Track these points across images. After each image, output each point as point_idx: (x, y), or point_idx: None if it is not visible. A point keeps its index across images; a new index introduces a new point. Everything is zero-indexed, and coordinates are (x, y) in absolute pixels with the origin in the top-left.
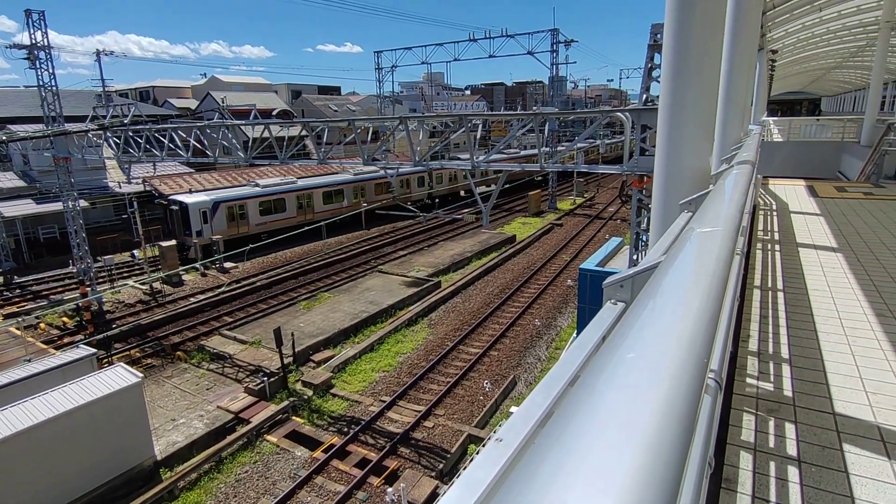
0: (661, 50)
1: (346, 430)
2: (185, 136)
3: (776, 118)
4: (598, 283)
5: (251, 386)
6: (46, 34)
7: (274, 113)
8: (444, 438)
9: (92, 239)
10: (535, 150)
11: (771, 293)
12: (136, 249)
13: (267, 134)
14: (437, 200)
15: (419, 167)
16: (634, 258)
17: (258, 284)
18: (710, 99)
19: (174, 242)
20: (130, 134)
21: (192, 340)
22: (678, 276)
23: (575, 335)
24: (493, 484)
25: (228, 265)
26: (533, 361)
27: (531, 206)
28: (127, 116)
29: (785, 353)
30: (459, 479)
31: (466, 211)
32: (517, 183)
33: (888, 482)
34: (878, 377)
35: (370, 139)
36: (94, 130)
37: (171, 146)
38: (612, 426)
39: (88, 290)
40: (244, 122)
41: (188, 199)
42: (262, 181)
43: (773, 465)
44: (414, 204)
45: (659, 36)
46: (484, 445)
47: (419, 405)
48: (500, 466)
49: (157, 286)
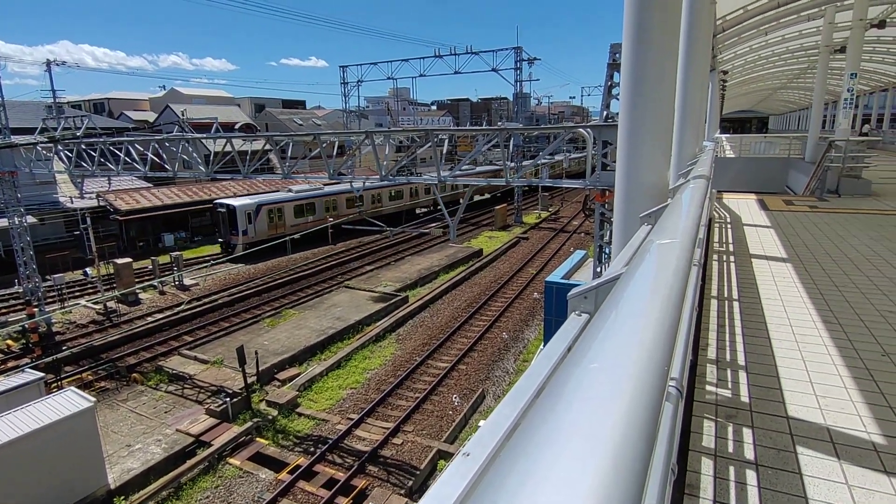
0: (619, 69)
1: (312, 449)
2: (142, 149)
3: (728, 135)
4: (563, 295)
5: (213, 407)
6: None
7: (236, 126)
8: (413, 455)
9: (41, 257)
10: (500, 164)
11: (727, 303)
12: (88, 267)
13: (229, 148)
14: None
15: (386, 182)
16: (598, 270)
17: (220, 302)
18: (666, 116)
19: (129, 260)
20: (83, 147)
21: (149, 361)
22: (639, 286)
23: (542, 347)
24: (461, 499)
25: (188, 282)
26: (501, 374)
27: (497, 220)
28: (80, 129)
29: (741, 360)
30: (427, 496)
31: (434, 225)
32: (484, 197)
33: (838, 482)
34: (826, 381)
35: (336, 153)
36: (43, 143)
37: (127, 160)
38: (576, 436)
39: (36, 310)
40: (205, 135)
41: (235, 202)
42: (294, 188)
43: (732, 469)
44: (388, 219)
45: (618, 55)
46: (452, 461)
47: (388, 422)
48: (468, 481)
49: (111, 305)
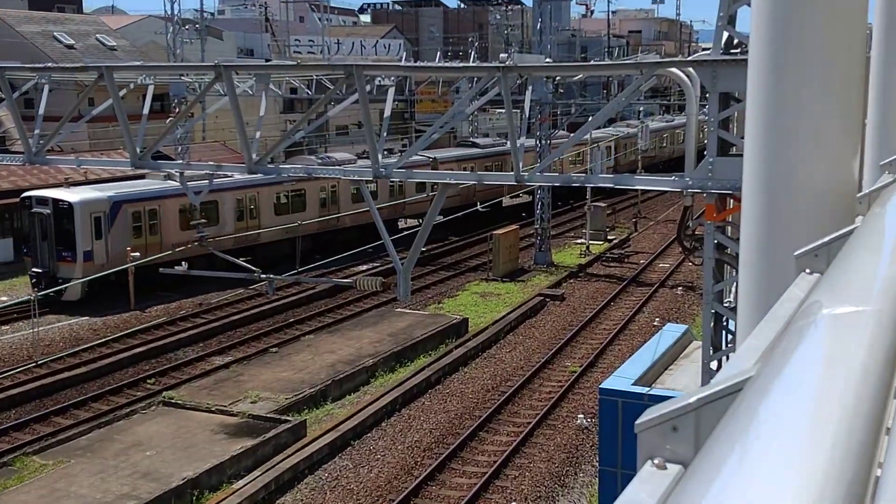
0: None
1: None
2: None
3: None
4: (635, 415)
5: None
6: None
7: None
8: None
9: None
10: (503, 143)
11: None
12: None
13: None
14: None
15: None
16: (713, 366)
17: None
18: (854, 52)
19: None
20: None
21: None
22: (786, 410)
23: None
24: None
25: None
26: None
27: (500, 256)
28: None
29: None
30: None
31: (364, 271)
32: (471, 210)
33: None
34: None
35: (149, 110)
36: None
37: None
38: None
39: None
40: None
41: (71, 194)
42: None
43: None
44: (271, 253)
45: None
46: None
47: None
48: None
49: None
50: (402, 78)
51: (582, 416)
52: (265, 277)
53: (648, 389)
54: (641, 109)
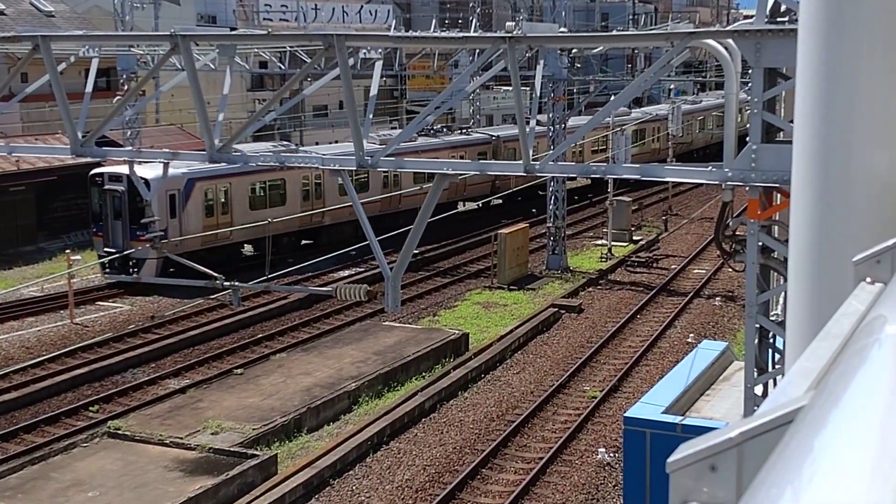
0: None
1: None
2: None
3: None
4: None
5: None
6: None
7: None
8: None
9: None
10: (511, 128)
11: None
12: None
13: None
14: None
15: (228, 162)
16: (758, 391)
17: None
18: None
19: None
20: None
21: None
22: (845, 446)
23: None
24: None
25: None
26: None
27: (505, 261)
28: None
29: None
30: None
31: (346, 277)
32: (470, 207)
33: None
34: None
35: (93, 88)
36: None
37: None
38: None
39: None
40: None
41: (146, 170)
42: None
43: None
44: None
45: None
46: None
47: None
48: None
49: None
50: (390, 50)
51: (603, 450)
52: (229, 285)
53: (681, 419)
54: (672, 88)
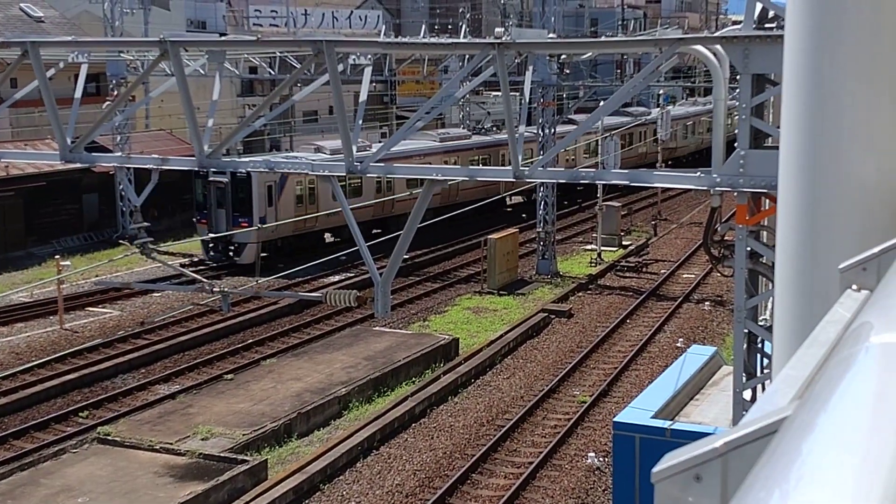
0: None
1: None
2: None
3: None
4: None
5: None
6: None
7: None
8: None
9: None
10: (500, 133)
11: None
12: None
13: None
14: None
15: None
16: (746, 395)
17: None
18: None
19: None
20: None
21: None
22: (830, 456)
23: None
24: None
25: None
26: None
27: (494, 266)
28: None
29: None
30: None
31: (336, 283)
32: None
33: None
34: None
35: (82, 93)
36: None
37: None
38: None
39: None
40: None
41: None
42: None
43: None
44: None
45: None
46: None
47: None
48: None
49: None
50: (380, 56)
51: (593, 454)
52: (218, 291)
53: (671, 423)
54: (661, 93)
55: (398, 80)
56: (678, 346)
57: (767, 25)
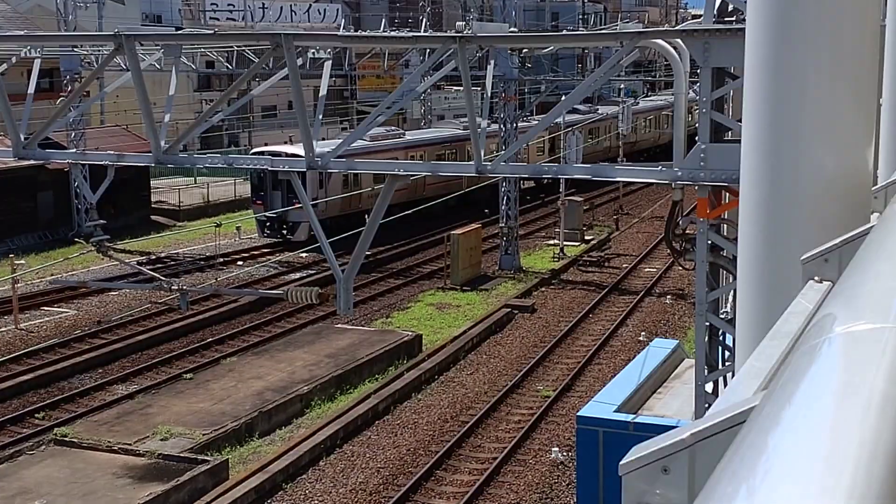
0: None
1: None
2: None
3: None
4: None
5: None
6: None
7: None
8: None
9: None
10: (462, 126)
11: None
12: None
13: None
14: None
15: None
16: (708, 388)
17: None
18: (867, 19)
19: None
20: None
21: None
22: (798, 447)
23: None
24: None
25: None
26: None
27: (457, 262)
28: None
29: None
30: None
31: (298, 280)
32: (422, 206)
33: None
34: None
35: (35, 89)
36: None
37: None
38: None
39: None
40: None
41: (296, 150)
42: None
43: None
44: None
45: None
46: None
47: None
48: None
49: None
50: (340, 50)
51: (557, 449)
52: (176, 289)
53: (634, 417)
54: (622, 87)
55: (359, 74)
56: (640, 339)
57: (727, 19)
